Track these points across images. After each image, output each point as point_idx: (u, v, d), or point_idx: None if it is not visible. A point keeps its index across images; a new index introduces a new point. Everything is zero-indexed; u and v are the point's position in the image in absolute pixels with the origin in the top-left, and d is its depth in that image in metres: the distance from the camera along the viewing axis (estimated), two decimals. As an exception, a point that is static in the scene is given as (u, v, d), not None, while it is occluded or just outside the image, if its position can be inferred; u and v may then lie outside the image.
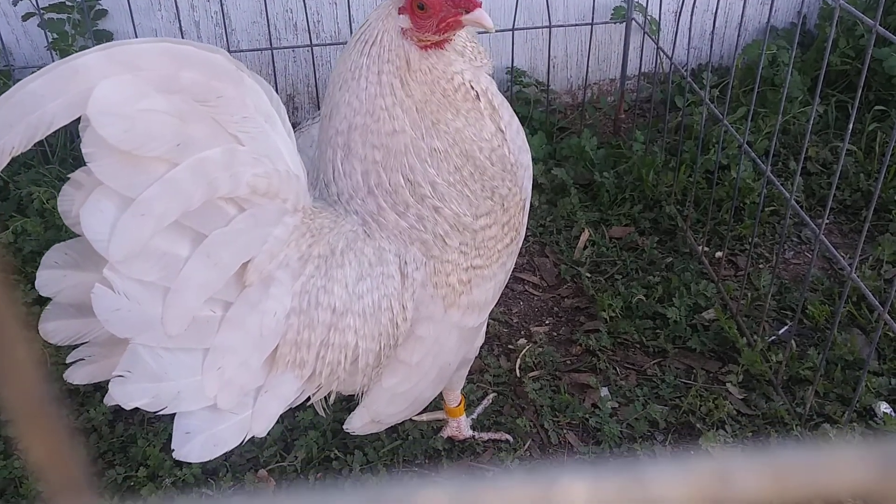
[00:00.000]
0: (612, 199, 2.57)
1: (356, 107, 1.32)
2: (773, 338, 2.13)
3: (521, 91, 2.90)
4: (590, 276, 2.33)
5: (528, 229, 1.57)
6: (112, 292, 1.10)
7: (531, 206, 1.57)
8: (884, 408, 1.91)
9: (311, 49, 2.65)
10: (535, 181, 2.30)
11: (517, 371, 2.06)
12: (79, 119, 1.05)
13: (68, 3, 2.64)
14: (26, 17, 2.65)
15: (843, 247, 2.44)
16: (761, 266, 2.37)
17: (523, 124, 1.59)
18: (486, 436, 1.89)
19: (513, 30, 2.69)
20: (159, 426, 1.82)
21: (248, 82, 1.16)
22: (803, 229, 2.51)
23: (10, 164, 2.80)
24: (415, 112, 1.31)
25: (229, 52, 2.63)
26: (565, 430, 1.92)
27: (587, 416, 1.93)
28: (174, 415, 1.24)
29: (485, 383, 2.03)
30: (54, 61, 2.63)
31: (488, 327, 1.87)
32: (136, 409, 1.23)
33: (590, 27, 2.83)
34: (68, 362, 1.23)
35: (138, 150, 1.05)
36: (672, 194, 2.56)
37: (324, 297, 1.29)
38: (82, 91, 1.01)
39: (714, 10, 2.55)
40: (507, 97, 1.54)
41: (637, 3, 2.83)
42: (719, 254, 2.37)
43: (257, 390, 1.28)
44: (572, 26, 2.93)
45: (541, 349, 2.11)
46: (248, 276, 1.21)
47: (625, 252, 2.41)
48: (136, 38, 2.64)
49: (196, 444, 1.24)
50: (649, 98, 2.99)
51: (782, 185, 2.41)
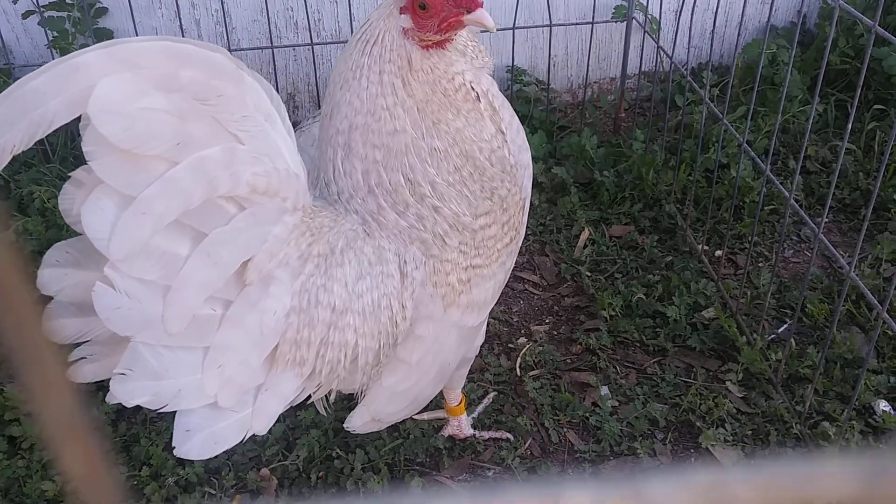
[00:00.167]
0: (612, 198, 2.58)
1: (357, 106, 1.32)
2: (773, 336, 2.14)
3: (521, 90, 2.91)
4: (590, 274, 2.33)
5: (528, 228, 1.57)
6: (113, 291, 1.10)
7: (531, 204, 1.58)
8: (883, 406, 1.92)
9: (312, 47, 2.66)
10: (535, 180, 2.31)
11: (517, 370, 2.07)
12: (79, 118, 1.05)
13: (68, 1, 2.64)
14: (26, 15, 2.65)
15: (843, 245, 2.45)
16: (761, 265, 2.38)
17: (523, 123, 1.59)
18: (486, 434, 1.90)
19: (513, 28, 2.70)
20: (162, 425, 1.83)
21: (248, 81, 1.16)
22: (803, 228, 2.52)
23: (10, 163, 2.80)
24: (416, 112, 1.32)
25: (230, 50, 2.65)
26: (566, 429, 1.93)
27: (587, 414, 1.94)
28: (175, 413, 1.24)
29: (485, 382, 2.03)
30: (54, 59, 2.64)
31: (488, 326, 1.87)
32: (139, 409, 1.24)
33: (590, 26, 2.83)
34: (70, 360, 1.23)
35: (138, 148, 1.05)
36: (672, 193, 2.56)
37: (323, 295, 1.30)
38: (83, 89, 1.01)
39: (714, 10, 2.56)
40: (507, 96, 1.54)
41: (638, 2, 2.83)
42: (719, 252, 2.37)
43: (257, 388, 1.28)
44: (573, 25, 2.94)
45: (541, 348, 2.12)
46: (247, 275, 1.21)
47: (625, 251, 2.42)
48: (137, 36, 2.64)
49: (196, 442, 1.24)
50: (649, 97, 3.00)
51: (782, 183, 2.41)
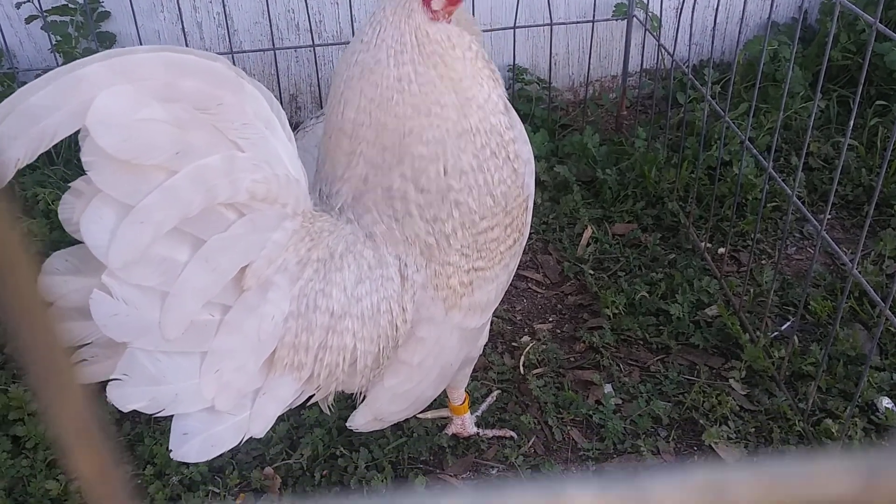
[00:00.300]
0: (614, 196, 2.58)
1: (373, 94, 1.30)
2: (776, 333, 2.14)
3: (522, 88, 2.91)
4: (593, 273, 2.34)
5: (531, 226, 1.57)
6: (110, 298, 1.11)
7: (534, 203, 1.58)
8: (886, 403, 1.92)
9: (314, 49, 2.66)
10: (537, 178, 2.31)
11: (521, 368, 2.07)
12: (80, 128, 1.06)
13: (71, 5, 2.66)
14: (29, 19, 2.66)
15: (845, 242, 2.45)
16: (763, 262, 2.38)
17: (525, 122, 1.59)
18: (490, 433, 1.90)
19: (514, 28, 2.70)
20: (165, 425, 1.83)
21: (248, 89, 1.15)
22: (805, 225, 2.52)
23: (15, 166, 2.79)
24: (445, 87, 1.30)
25: (232, 52, 2.67)
26: (569, 427, 1.93)
27: (591, 412, 1.94)
28: (173, 416, 1.25)
29: (489, 381, 2.04)
30: (58, 64, 2.65)
31: (492, 325, 1.88)
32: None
33: (591, 24, 2.84)
34: (72, 363, 1.24)
35: (137, 159, 1.05)
36: (674, 191, 2.56)
37: (322, 300, 1.29)
38: (83, 101, 1.01)
39: (715, 7, 2.56)
40: (509, 95, 1.54)
41: None
42: (722, 250, 2.37)
43: (255, 392, 1.28)
44: (573, 24, 2.94)
45: (544, 346, 2.12)
46: (246, 281, 1.21)
47: (628, 249, 2.42)
48: (139, 39, 2.65)
49: (194, 445, 1.25)
50: (651, 94, 3.00)
51: (784, 180, 2.41)
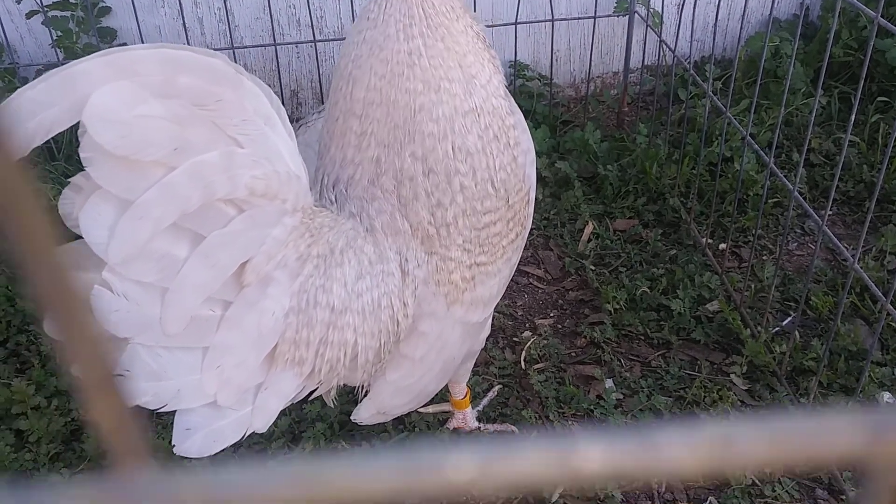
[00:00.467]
0: (615, 192, 2.58)
1: (382, 71, 1.29)
2: (777, 329, 2.14)
3: (524, 85, 2.91)
4: (594, 268, 2.34)
5: (532, 222, 1.57)
6: (111, 293, 1.11)
7: (535, 199, 1.58)
8: (887, 398, 1.92)
9: (315, 45, 2.66)
10: (538, 174, 2.31)
11: (522, 363, 2.07)
12: (78, 124, 1.06)
13: (72, 0, 2.65)
14: (30, 14, 2.65)
15: (846, 238, 2.45)
16: (765, 258, 2.38)
17: (526, 118, 1.59)
18: (491, 427, 1.90)
19: (515, 24, 2.70)
20: (168, 419, 1.83)
21: (247, 85, 1.15)
22: (806, 221, 2.52)
23: (16, 161, 2.79)
24: (452, 61, 1.30)
25: (233, 48, 2.67)
26: (570, 422, 1.93)
27: (592, 407, 1.95)
28: (175, 412, 1.25)
29: (490, 375, 2.04)
30: (58, 59, 2.64)
31: (493, 320, 1.88)
32: None
33: (592, 20, 2.84)
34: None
35: (135, 154, 1.05)
36: (675, 187, 2.56)
37: (322, 296, 1.29)
38: (80, 97, 1.01)
39: (717, 3, 2.56)
40: (510, 91, 1.55)
41: (639, -5, 2.83)
42: (723, 246, 2.37)
43: (257, 387, 1.28)
44: (575, 20, 2.94)
45: (546, 341, 2.12)
46: (245, 277, 1.21)
47: (629, 244, 2.42)
48: (140, 34, 2.65)
49: (196, 440, 1.25)
50: (652, 91, 3.00)
51: (785, 177, 2.41)
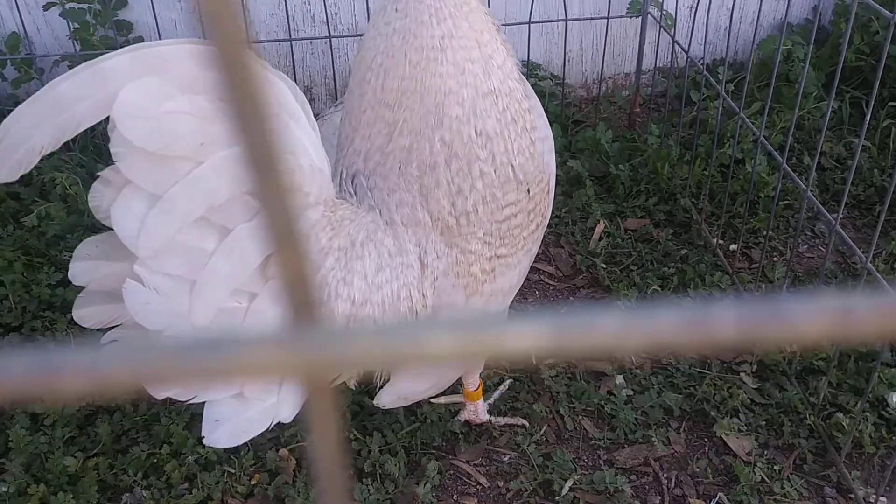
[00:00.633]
0: (627, 192, 2.59)
1: (417, 59, 1.32)
2: (787, 329, 2.15)
3: (536, 84, 2.92)
4: (605, 266, 2.35)
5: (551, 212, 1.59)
6: (143, 287, 1.14)
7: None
8: (897, 398, 1.93)
9: (329, 41, 2.68)
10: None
11: (533, 358, 2.08)
12: (107, 119, 1.08)
13: (90, -8, 2.67)
14: (48, 6, 2.67)
15: (857, 241, 2.45)
16: (775, 259, 2.39)
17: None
18: (502, 420, 1.91)
19: (529, 23, 2.71)
20: (181, 405, 1.85)
21: (273, 82, 1.18)
22: (817, 223, 2.53)
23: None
24: (474, 42, 1.32)
25: (248, 42, 2.68)
26: (581, 417, 1.94)
27: (602, 402, 1.95)
28: (204, 404, 1.27)
29: (501, 369, 2.05)
30: (75, 51, 2.65)
31: (506, 314, 1.89)
32: None
33: (605, 21, 2.85)
34: (102, 343, 1.26)
35: (163, 150, 1.08)
36: (687, 187, 2.57)
37: (343, 288, 1.31)
38: (109, 93, 1.04)
39: (730, 7, 2.57)
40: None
41: (653, -3, 2.85)
42: (734, 246, 2.38)
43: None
44: (588, 20, 2.95)
45: (556, 337, 2.13)
46: (270, 269, 1.23)
47: (640, 244, 2.43)
48: (157, 27, 2.67)
49: (225, 431, 1.28)
50: (664, 92, 3.01)
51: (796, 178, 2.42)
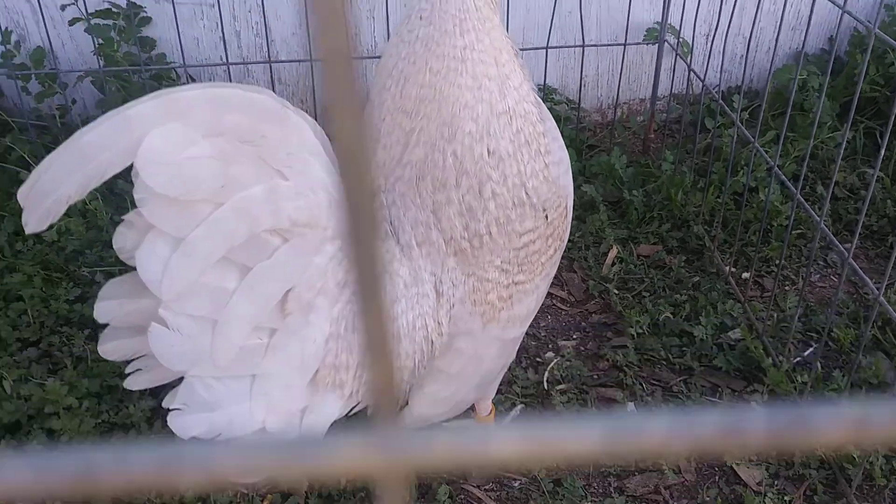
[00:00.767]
0: (640, 218, 2.61)
1: (438, 67, 1.31)
2: (799, 359, 2.16)
3: (551, 108, 2.94)
4: (617, 292, 2.36)
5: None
6: (167, 330, 1.17)
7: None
8: (908, 432, 1.93)
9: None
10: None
11: (545, 384, 2.10)
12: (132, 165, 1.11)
13: (114, 9, 2.72)
14: (73, 21, 2.72)
15: (869, 272, 2.46)
16: (787, 288, 2.40)
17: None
18: (514, 446, 1.92)
19: (546, 48, 2.74)
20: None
21: (292, 119, 1.20)
22: (829, 253, 2.53)
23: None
24: (493, 58, 1.33)
25: (269, 62, 2.72)
26: (592, 443, 1.95)
27: (613, 429, 1.96)
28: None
29: (513, 394, 2.06)
30: (99, 66, 2.68)
31: (520, 339, 1.90)
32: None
33: (622, 48, 2.88)
34: (127, 373, 1.29)
35: (184, 195, 1.11)
36: (700, 214, 2.59)
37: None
38: (134, 140, 1.07)
39: (747, 35, 2.59)
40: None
41: (669, 25, 2.87)
42: (746, 275, 2.39)
43: (302, 411, 1.33)
44: (605, 46, 2.98)
45: (568, 363, 2.15)
46: (288, 305, 1.25)
47: (652, 270, 2.44)
48: (180, 45, 2.70)
49: None
50: (679, 119, 3.03)
51: (809, 208, 2.44)
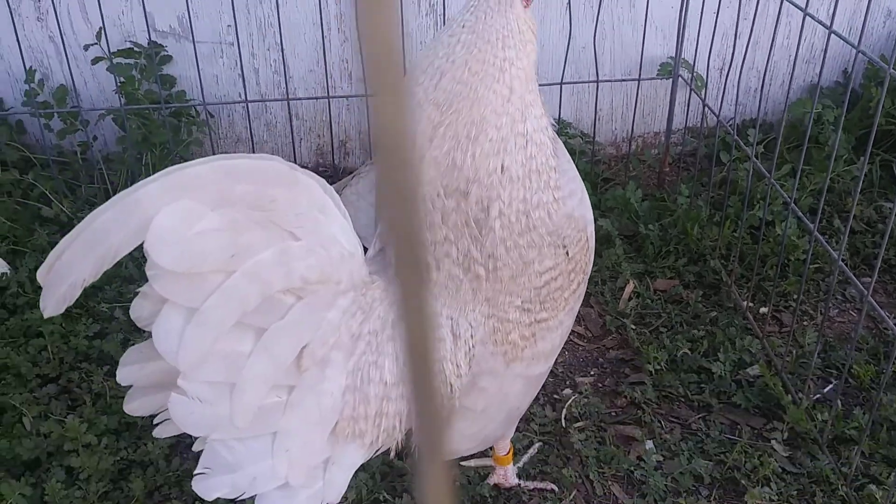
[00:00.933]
0: (656, 252, 2.61)
1: (477, 69, 1.33)
2: (818, 396, 2.14)
3: (566, 142, 2.96)
4: (635, 327, 2.36)
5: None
6: (187, 399, 1.18)
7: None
8: (931, 471, 1.91)
9: (367, 99, 2.74)
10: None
11: (563, 421, 2.09)
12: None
13: (136, 49, 2.77)
14: (95, 61, 2.77)
15: (888, 306, 2.45)
16: (805, 323, 2.38)
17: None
18: (531, 484, 1.91)
19: (561, 84, 2.76)
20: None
21: (301, 180, 1.21)
22: (847, 287, 2.52)
23: (73, 202, 2.86)
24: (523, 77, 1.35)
25: (287, 99, 2.76)
26: (610, 482, 1.94)
27: (632, 468, 1.95)
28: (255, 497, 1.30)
29: (531, 432, 2.06)
30: (120, 104, 2.73)
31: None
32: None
33: (637, 82, 2.90)
34: (155, 423, 1.30)
35: (193, 269, 1.12)
36: (717, 249, 2.58)
37: (375, 372, 1.34)
38: (143, 221, 1.09)
39: (762, 69, 2.60)
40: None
41: (683, 59, 2.89)
42: (764, 310, 2.38)
43: (325, 462, 1.34)
44: (619, 81, 3.00)
45: (586, 400, 2.14)
46: (303, 361, 1.26)
47: (669, 305, 2.44)
48: (200, 82, 2.73)
49: None
50: (694, 152, 3.04)
51: (827, 242, 2.43)
